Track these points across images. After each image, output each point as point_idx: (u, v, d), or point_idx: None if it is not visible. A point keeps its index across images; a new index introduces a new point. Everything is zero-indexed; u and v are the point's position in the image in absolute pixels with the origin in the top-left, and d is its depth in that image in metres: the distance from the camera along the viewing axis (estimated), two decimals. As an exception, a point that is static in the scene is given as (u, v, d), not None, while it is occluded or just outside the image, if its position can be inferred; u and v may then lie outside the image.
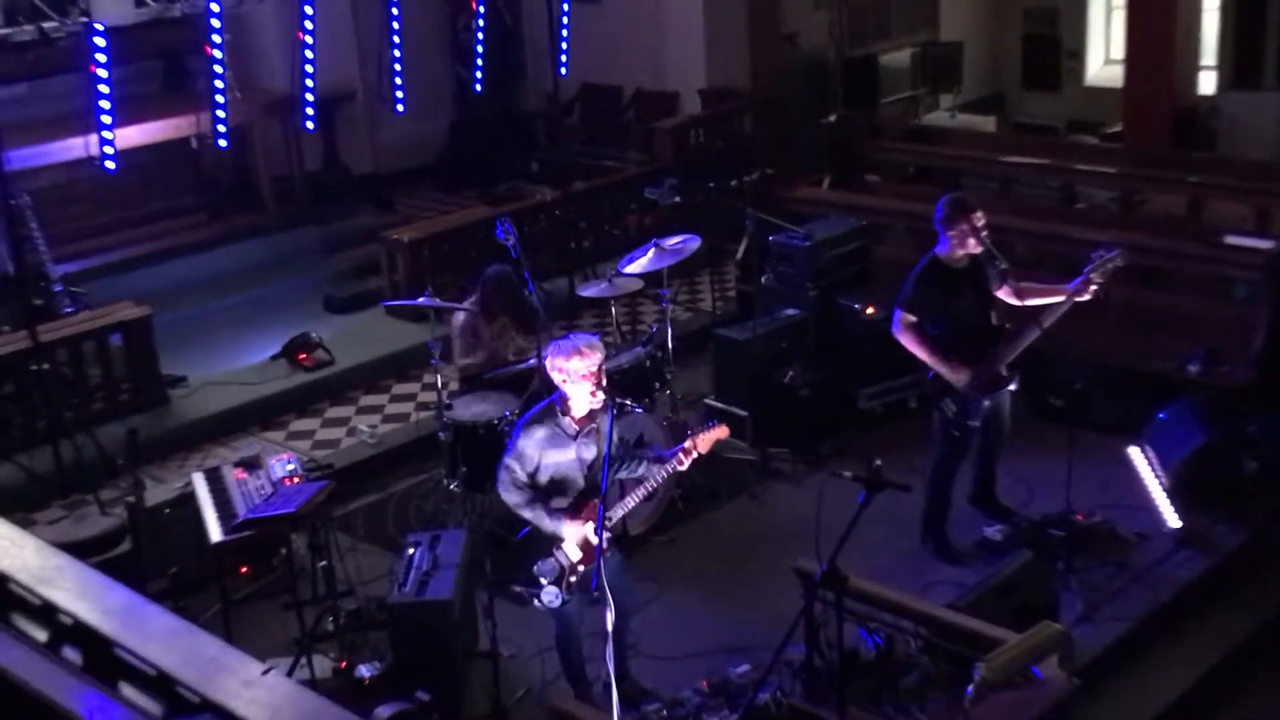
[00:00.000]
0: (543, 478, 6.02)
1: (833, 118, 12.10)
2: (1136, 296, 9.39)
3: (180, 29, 11.97)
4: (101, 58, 10.07)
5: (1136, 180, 10.93)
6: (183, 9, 10.11)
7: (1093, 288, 7.09)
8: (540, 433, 5.98)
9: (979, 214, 7.28)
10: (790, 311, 9.33)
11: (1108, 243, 7.47)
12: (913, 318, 7.33)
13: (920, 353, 7.32)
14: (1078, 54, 16.26)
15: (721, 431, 6.17)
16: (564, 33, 13.79)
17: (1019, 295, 7.43)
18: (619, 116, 14.72)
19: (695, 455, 6.08)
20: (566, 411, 5.98)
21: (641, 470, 6.14)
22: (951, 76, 15.84)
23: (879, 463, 5.01)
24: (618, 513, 6.17)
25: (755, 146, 13.27)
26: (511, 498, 6.07)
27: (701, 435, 6.09)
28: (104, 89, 10.46)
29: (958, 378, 7.25)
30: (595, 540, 5.85)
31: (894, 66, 15.53)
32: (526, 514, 6.06)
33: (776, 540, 7.82)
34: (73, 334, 9.52)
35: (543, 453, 5.98)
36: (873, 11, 15.50)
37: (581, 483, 6.03)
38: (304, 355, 10.46)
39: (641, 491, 6.20)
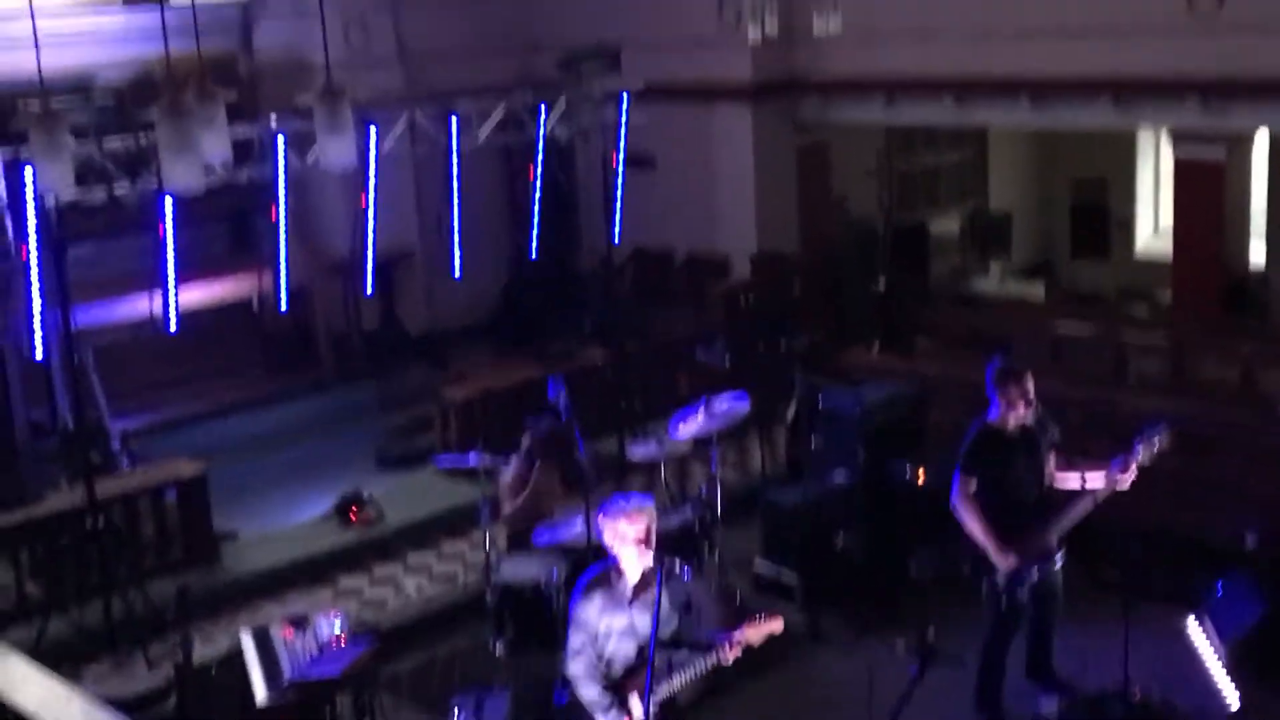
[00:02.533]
0: (605, 647, 5.91)
1: (883, 283, 12.22)
2: (1191, 466, 9.31)
3: (247, 193, 12.31)
4: (169, 220, 10.35)
5: (1187, 350, 10.92)
6: (250, 174, 10.41)
7: (1133, 471, 7.07)
8: (598, 598, 5.90)
9: (1030, 381, 7.30)
10: (840, 475, 9.30)
11: (1154, 418, 7.45)
12: (973, 484, 7.29)
13: (974, 527, 7.27)
14: (1127, 224, 16.39)
15: (775, 625, 5.95)
16: (618, 197, 14.06)
17: (1064, 469, 7.40)
18: (671, 279, 14.93)
19: (745, 645, 5.93)
20: (621, 575, 5.93)
21: (688, 655, 5.97)
22: (1000, 244, 16.00)
23: (931, 633, 4.95)
24: (662, 691, 5.97)
25: (805, 310, 13.39)
26: (587, 692, 5.86)
27: (754, 627, 5.92)
28: (170, 251, 10.73)
29: (1005, 562, 7.19)
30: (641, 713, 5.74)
31: (943, 233, 15.72)
32: (598, 713, 5.88)
33: (826, 711, 7.69)
34: (128, 491, 9.65)
35: (603, 619, 5.88)
36: (922, 179, 15.76)
37: (634, 654, 5.90)
38: (355, 512, 10.52)
39: (687, 676, 6.00)
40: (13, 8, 11.52)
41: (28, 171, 8.67)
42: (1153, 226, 16.45)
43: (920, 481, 8.99)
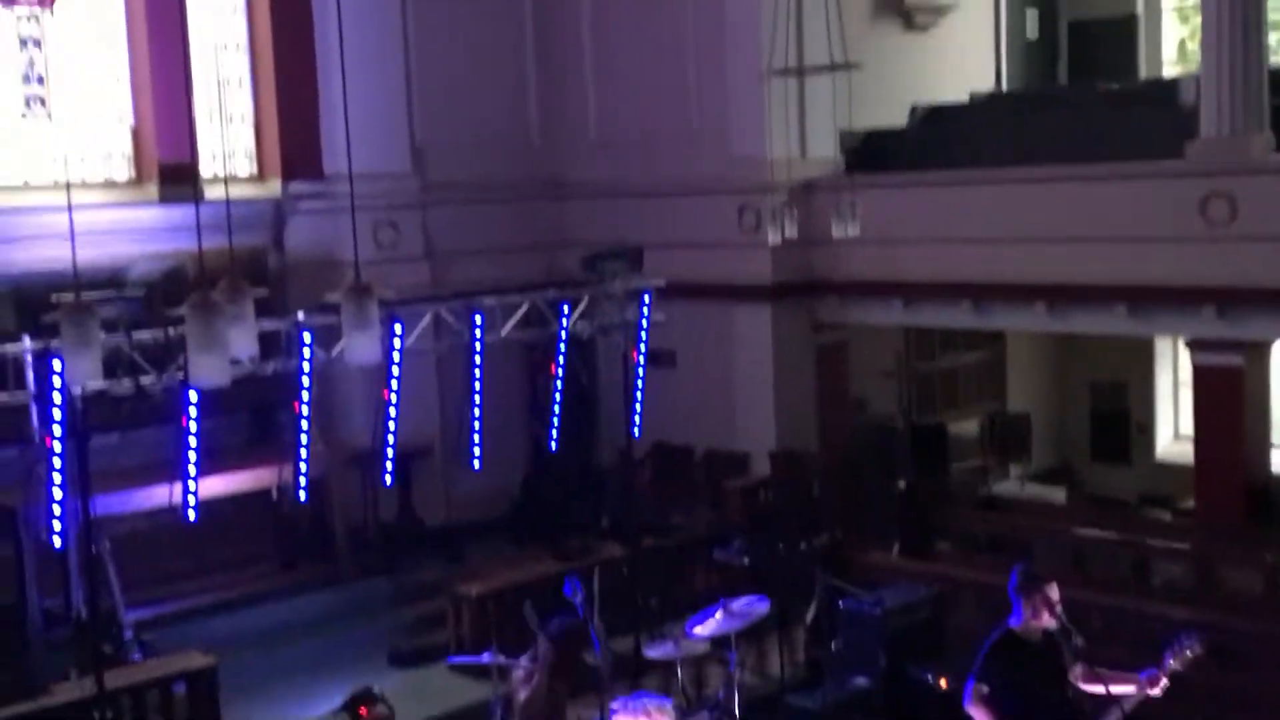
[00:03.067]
0: None
1: (902, 484, 12.20)
2: (1217, 677, 9.13)
3: (271, 384, 12.44)
4: (193, 412, 10.47)
5: (1211, 557, 10.82)
6: (275, 366, 10.56)
7: (1165, 680, 6.94)
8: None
9: (1054, 586, 7.21)
10: (861, 680, 9.16)
11: (1184, 627, 7.34)
12: (985, 689, 7.16)
13: (989, 734, 7.11)
14: (1147, 428, 16.39)
15: None
16: (638, 394, 14.16)
17: (1090, 679, 7.26)
18: (690, 475, 14.92)
19: None
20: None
21: None
22: (1020, 446, 15.98)
23: None
24: None
25: (824, 509, 13.34)
26: None
27: None
28: (192, 442, 10.81)
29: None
30: None
31: (962, 435, 15.72)
32: None
33: None
34: (137, 683, 9.54)
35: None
36: (940, 380, 15.85)
37: None
38: (365, 710, 10.30)
39: None
40: (51, 202, 11.88)
41: (56, 363, 8.80)
42: (1173, 431, 16.44)
43: (943, 687, 8.82)
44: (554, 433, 14.30)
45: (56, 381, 9.16)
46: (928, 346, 15.87)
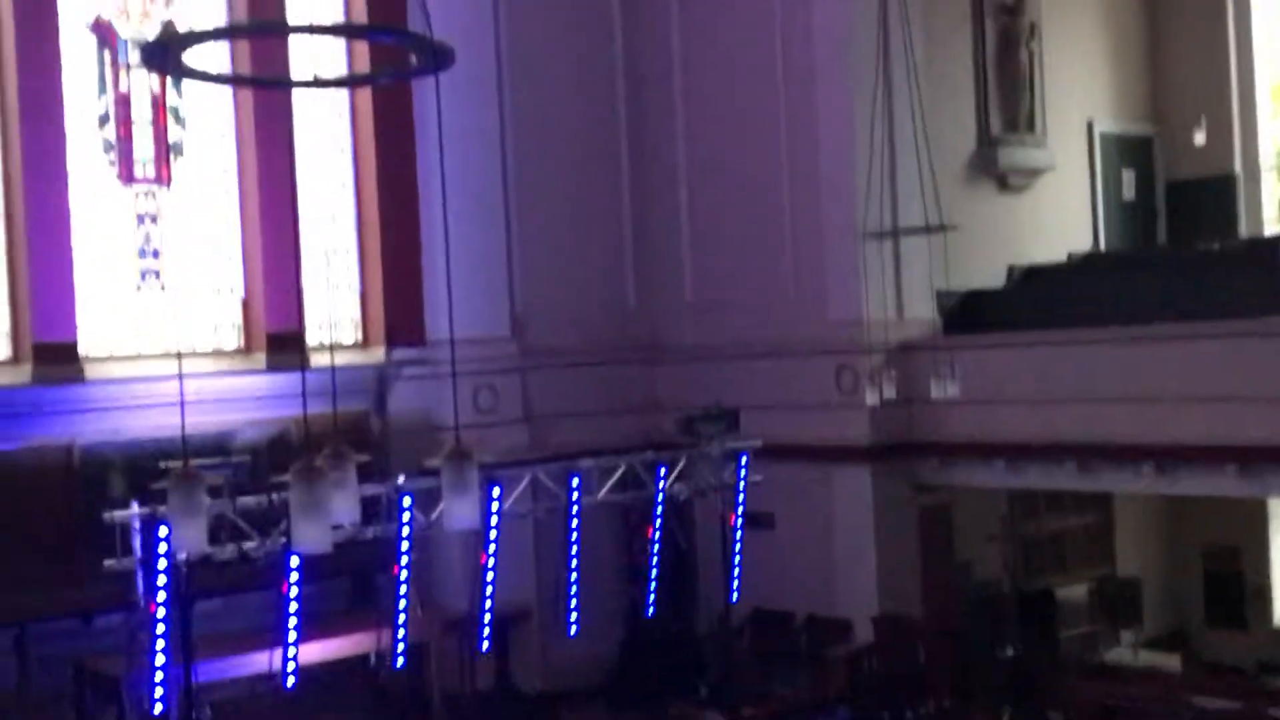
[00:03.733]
0: None
1: (1010, 651, 11.88)
2: None
3: (370, 549, 12.51)
4: (294, 577, 10.54)
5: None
6: (375, 531, 10.63)
7: None
8: None
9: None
10: None
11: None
12: None
13: None
14: (1263, 592, 15.84)
15: None
16: (736, 558, 14.01)
17: None
18: (790, 641, 14.64)
19: None
20: None
21: None
22: (1131, 612, 15.52)
23: None
24: None
25: (931, 677, 12.99)
26: None
27: None
28: (293, 607, 10.86)
29: None
30: None
31: (1071, 600, 15.31)
32: None
33: None
34: None
35: None
36: (1048, 544, 15.50)
37: None
38: None
39: None
40: (162, 371, 12.22)
41: (163, 530, 8.94)
42: (1291, 595, 15.89)
43: None
44: (651, 597, 14.18)
45: (163, 548, 9.28)
46: (1033, 508, 15.56)
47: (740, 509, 12.92)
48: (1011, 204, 16.17)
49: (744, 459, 12.70)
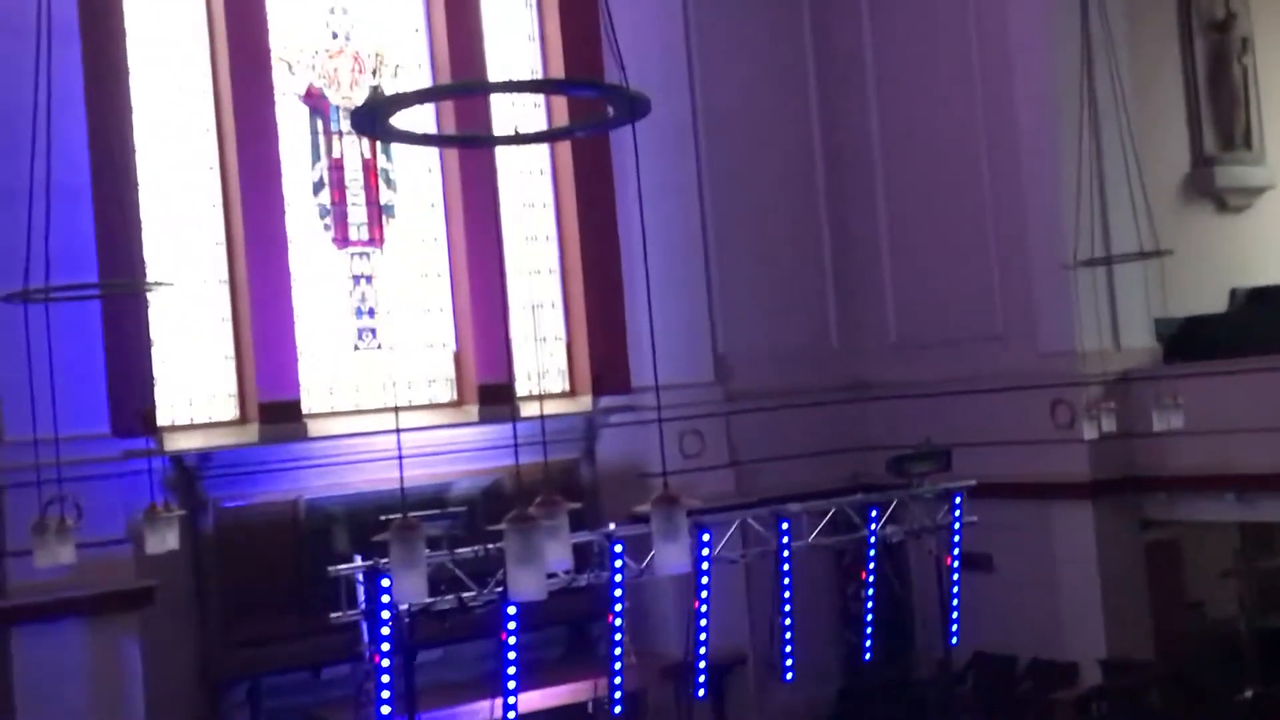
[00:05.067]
0: None
1: (1249, 693, 11.31)
2: None
3: (585, 598, 12.61)
4: (512, 625, 10.69)
5: None
6: (588, 578, 10.72)
7: None
8: None
9: None
10: None
11: None
12: None
13: None
14: None
15: None
16: (954, 600, 13.68)
17: None
18: (1014, 687, 14.19)
19: None
20: None
21: None
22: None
23: None
24: None
25: (1164, 722, 12.46)
26: None
27: None
28: (511, 656, 11.01)
29: None
30: None
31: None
32: None
33: None
34: None
35: None
36: (1286, 580, 14.71)
37: None
38: None
39: None
40: (379, 426, 12.58)
41: (385, 582, 9.16)
42: None
43: None
44: (868, 642, 13.93)
45: (385, 599, 9.52)
46: (1268, 543, 14.81)
47: (956, 550, 12.63)
48: (1231, 224, 15.55)
49: (958, 499, 12.42)
